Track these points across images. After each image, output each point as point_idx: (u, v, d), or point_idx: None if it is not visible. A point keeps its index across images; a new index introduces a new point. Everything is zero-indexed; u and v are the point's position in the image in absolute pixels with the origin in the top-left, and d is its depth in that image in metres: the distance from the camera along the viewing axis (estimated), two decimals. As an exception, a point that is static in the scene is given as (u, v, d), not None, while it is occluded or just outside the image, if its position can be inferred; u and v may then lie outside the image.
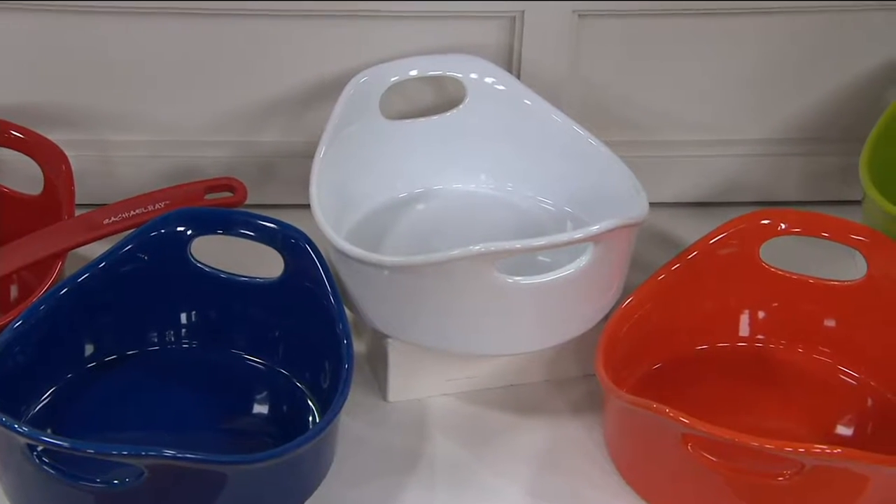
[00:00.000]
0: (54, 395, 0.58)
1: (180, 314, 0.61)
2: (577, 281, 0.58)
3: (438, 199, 0.69)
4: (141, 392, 0.59)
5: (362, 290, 0.60)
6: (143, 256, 0.59)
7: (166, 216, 0.60)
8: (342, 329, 0.56)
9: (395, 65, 0.67)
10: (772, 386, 0.62)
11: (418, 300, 0.58)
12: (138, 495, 0.50)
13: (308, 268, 0.59)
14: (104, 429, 0.57)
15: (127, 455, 0.48)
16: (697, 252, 0.62)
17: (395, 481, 0.57)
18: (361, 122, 0.66)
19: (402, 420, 0.60)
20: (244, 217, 0.60)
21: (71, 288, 0.57)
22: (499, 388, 0.62)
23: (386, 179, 0.68)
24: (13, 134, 0.65)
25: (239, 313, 0.61)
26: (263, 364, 0.61)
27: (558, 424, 0.60)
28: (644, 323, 0.60)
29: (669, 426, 0.52)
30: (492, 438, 0.60)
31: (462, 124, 0.69)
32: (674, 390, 0.60)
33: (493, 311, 0.57)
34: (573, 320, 0.60)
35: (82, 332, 0.59)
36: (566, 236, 0.57)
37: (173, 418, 0.58)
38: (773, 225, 0.62)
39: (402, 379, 0.61)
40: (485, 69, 0.68)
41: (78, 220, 0.62)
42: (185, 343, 0.61)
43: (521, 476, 0.58)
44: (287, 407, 0.60)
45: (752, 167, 0.75)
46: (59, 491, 0.51)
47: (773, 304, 0.63)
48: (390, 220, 0.67)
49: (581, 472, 0.58)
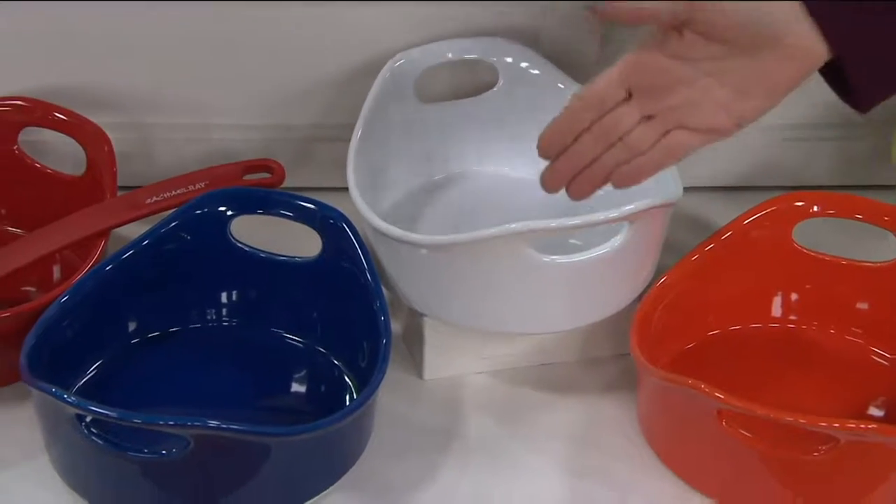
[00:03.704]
0: (98, 370, 0.59)
1: (221, 292, 0.62)
2: (611, 260, 0.58)
3: (472, 181, 0.70)
4: (182, 369, 0.60)
5: (399, 269, 0.60)
6: (185, 236, 0.60)
7: (208, 195, 0.61)
8: (379, 306, 0.57)
9: (430, 48, 0.68)
10: (804, 367, 0.62)
11: (455, 279, 0.59)
12: (184, 466, 0.51)
13: (346, 247, 0.60)
14: (146, 404, 0.58)
15: (173, 425, 0.50)
16: (731, 233, 0.62)
17: (431, 457, 0.58)
18: (397, 105, 0.67)
19: (437, 398, 0.61)
20: (284, 197, 0.61)
21: (116, 265, 0.58)
22: (532, 367, 0.63)
23: (420, 162, 0.69)
24: (57, 116, 0.66)
25: (278, 292, 0.62)
26: (302, 342, 0.62)
27: (592, 403, 0.61)
28: (678, 303, 0.61)
29: (704, 402, 0.53)
30: (526, 416, 0.61)
31: (496, 107, 0.69)
32: (706, 370, 0.60)
33: (528, 290, 0.58)
34: (607, 300, 0.60)
35: (126, 308, 0.60)
36: (601, 215, 0.57)
37: (213, 395, 0.59)
38: (806, 206, 0.63)
39: (438, 357, 0.62)
40: (520, 53, 0.68)
41: (120, 200, 0.64)
42: (226, 321, 0.62)
43: (555, 453, 0.58)
44: (325, 385, 0.61)
45: (784, 151, 0.75)
46: (107, 461, 0.52)
47: (805, 285, 0.64)
48: (424, 202, 0.68)
49: (615, 449, 0.59)
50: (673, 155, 0.53)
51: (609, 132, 0.53)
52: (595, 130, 0.53)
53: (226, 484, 0.52)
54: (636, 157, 0.53)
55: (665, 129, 0.53)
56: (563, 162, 0.54)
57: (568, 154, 0.54)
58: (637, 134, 0.53)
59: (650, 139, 0.53)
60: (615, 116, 0.52)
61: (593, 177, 0.54)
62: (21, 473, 0.55)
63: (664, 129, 0.53)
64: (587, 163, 0.53)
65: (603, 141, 0.53)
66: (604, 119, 0.52)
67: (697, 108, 0.52)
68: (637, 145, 0.53)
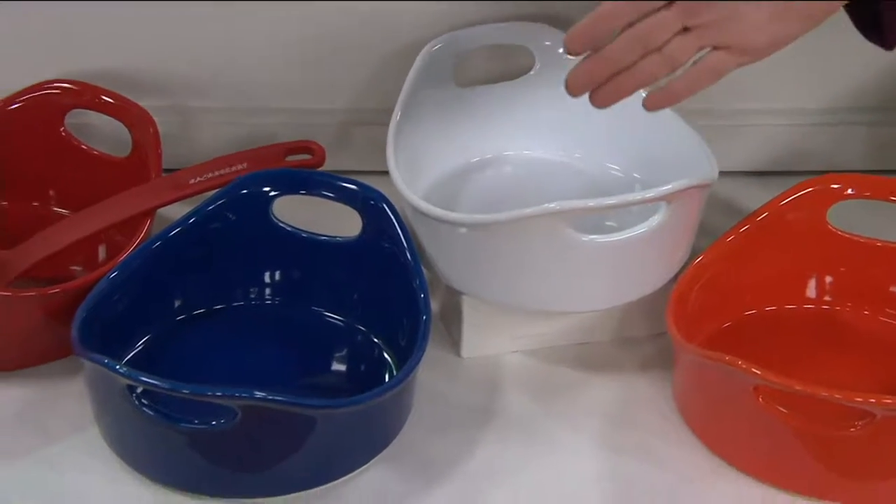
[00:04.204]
0: (145, 346, 0.60)
1: (263, 271, 0.63)
2: (649, 240, 0.59)
3: (508, 164, 0.71)
4: (226, 346, 0.61)
5: (438, 248, 0.61)
6: (230, 215, 0.61)
7: (253, 176, 0.62)
8: (419, 284, 0.59)
9: (467, 33, 0.69)
10: (838, 347, 0.63)
11: (493, 258, 0.60)
12: (232, 437, 0.52)
13: (386, 227, 0.61)
14: (191, 379, 0.57)
15: (221, 396, 0.51)
16: (767, 214, 0.63)
17: (469, 433, 0.59)
18: (434, 89, 0.68)
19: (474, 375, 0.62)
20: (326, 178, 0.63)
21: (163, 242, 0.60)
22: (569, 347, 0.64)
23: (457, 145, 0.70)
24: (104, 99, 0.67)
25: (319, 271, 0.63)
26: (342, 321, 0.63)
27: (628, 381, 0.62)
28: (713, 282, 0.61)
29: (741, 378, 0.54)
30: (562, 394, 0.62)
31: (532, 92, 0.70)
32: (741, 349, 0.60)
33: (566, 269, 0.59)
34: (644, 279, 0.61)
35: (173, 285, 0.61)
36: (639, 195, 0.58)
37: (256, 372, 0.60)
38: (841, 189, 0.63)
39: (476, 335, 0.63)
40: (556, 38, 0.69)
41: (164, 180, 0.65)
42: (269, 300, 0.64)
43: (591, 429, 0.59)
44: (365, 362, 0.62)
45: (816, 136, 0.75)
46: (157, 432, 0.53)
47: (840, 267, 0.64)
48: (461, 184, 0.69)
49: (651, 426, 0.59)
50: (707, 77, 0.52)
51: (647, 36, 0.50)
52: (632, 33, 0.51)
53: (272, 455, 0.53)
54: (671, 76, 0.51)
55: (701, 45, 0.51)
56: (594, 63, 0.52)
57: (600, 55, 0.51)
58: (676, 44, 0.51)
59: (688, 52, 0.51)
60: (656, 20, 0.50)
61: (623, 84, 0.52)
62: (71, 445, 0.56)
63: (700, 44, 0.51)
64: (619, 68, 0.51)
65: (640, 45, 0.51)
66: (643, 22, 0.50)
67: (735, 24, 0.51)
68: (675, 56, 0.51)
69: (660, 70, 0.52)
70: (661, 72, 0.52)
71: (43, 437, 0.57)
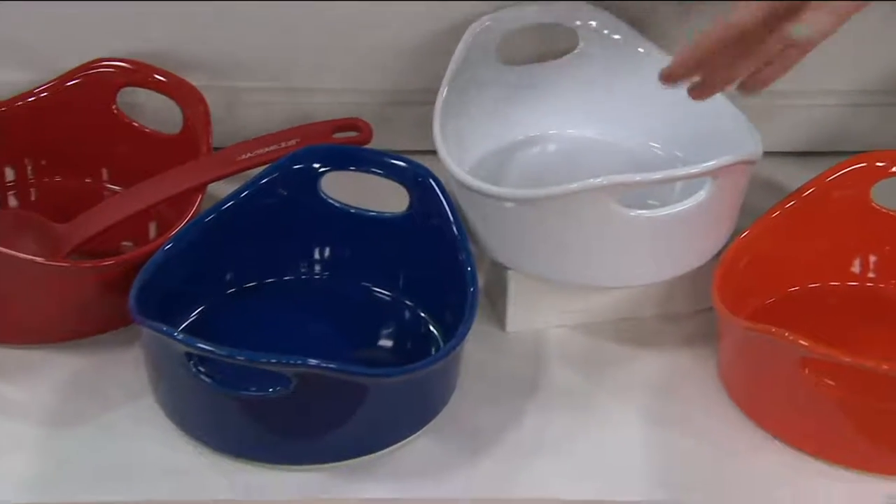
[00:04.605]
0: (198, 317, 0.61)
1: (313, 246, 0.64)
2: (694, 216, 0.60)
3: (552, 143, 0.72)
4: (276, 319, 0.62)
5: (484, 223, 0.62)
6: (281, 190, 0.62)
7: (303, 151, 0.63)
8: (466, 258, 0.59)
9: (512, 12, 0.70)
10: (883, 324, 0.63)
11: (539, 232, 0.60)
12: (287, 405, 0.53)
13: (433, 203, 0.62)
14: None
15: (276, 363, 0.52)
16: (812, 190, 0.63)
17: (515, 405, 0.60)
18: (480, 67, 0.69)
19: (519, 349, 0.63)
20: (374, 155, 0.63)
21: (216, 215, 0.61)
22: (613, 322, 0.65)
23: (502, 123, 0.71)
24: (156, 77, 0.68)
25: (367, 247, 0.64)
26: (390, 295, 0.64)
27: (672, 356, 0.63)
28: (758, 258, 0.62)
29: (788, 350, 0.54)
30: (607, 368, 0.62)
31: (577, 71, 0.71)
32: (786, 325, 0.61)
33: (611, 244, 0.60)
34: (688, 255, 0.62)
35: (225, 258, 0.62)
36: (685, 170, 0.59)
37: (305, 345, 0.61)
38: (887, 166, 0.63)
39: (521, 310, 0.63)
40: (601, 18, 0.70)
41: (215, 157, 0.66)
42: (318, 274, 0.65)
43: (636, 402, 0.60)
44: (411, 337, 0.63)
45: (855, 116, 0.75)
46: (213, 399, 0.54)
47: (885, 246, 0.65)
48: (505, 162, 0.70)
49: (695, 399, 0.60)
50: (788, 66, 0.58)
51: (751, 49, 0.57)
52: (737, 47, 0.57)
53: (324, 424, 0.54)
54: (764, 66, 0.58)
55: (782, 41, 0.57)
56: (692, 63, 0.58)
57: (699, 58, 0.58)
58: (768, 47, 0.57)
59: (776, 50, 0.57)
60: (758, 35, 0.57)
61: (721, 81, 0.59)
62: (127, 413, 0.58)
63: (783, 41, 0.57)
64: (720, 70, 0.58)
65: (744, 56, 0.57)
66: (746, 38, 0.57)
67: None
68: (769, 52, 0.57)
69: (754, 65, 0.58)
70: (755, 66, 0.58)
71: (100, 404, 0.58)
